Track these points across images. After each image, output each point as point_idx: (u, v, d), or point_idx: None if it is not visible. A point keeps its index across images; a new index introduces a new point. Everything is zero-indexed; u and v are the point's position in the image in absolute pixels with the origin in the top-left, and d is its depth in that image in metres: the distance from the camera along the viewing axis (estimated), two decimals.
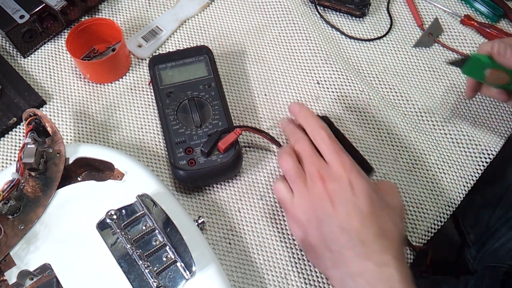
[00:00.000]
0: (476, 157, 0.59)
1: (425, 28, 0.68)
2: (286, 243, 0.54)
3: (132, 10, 0.70)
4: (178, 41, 0.68)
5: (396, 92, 0.64)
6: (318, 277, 0.52)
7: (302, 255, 0.53)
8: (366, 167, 0.53)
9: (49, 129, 0.52)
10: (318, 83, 0.64)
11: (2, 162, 0.59)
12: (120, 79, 0.65)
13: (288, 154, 0.50)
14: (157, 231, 0.46)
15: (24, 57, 0.66)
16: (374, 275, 0.43)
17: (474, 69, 0.55)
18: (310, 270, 0.53)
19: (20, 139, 0.61)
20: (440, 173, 0.58)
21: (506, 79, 0.53)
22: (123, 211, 0.47)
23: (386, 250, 0.44)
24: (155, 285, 0.43)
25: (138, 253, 0.45)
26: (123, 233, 0.45)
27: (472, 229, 0.65)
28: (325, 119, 0.54)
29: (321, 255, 0.46)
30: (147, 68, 0.63)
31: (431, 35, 0.67)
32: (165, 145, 0.58)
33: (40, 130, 0.53)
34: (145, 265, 0.44)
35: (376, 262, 0.43)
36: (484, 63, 0.53)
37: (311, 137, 0.50)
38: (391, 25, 0.69)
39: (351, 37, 0.68)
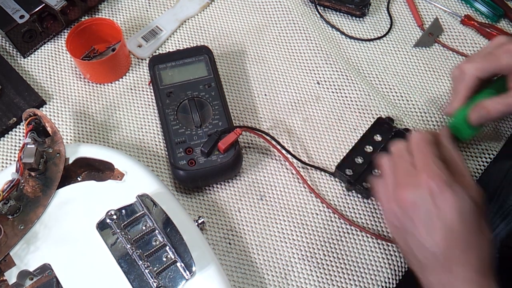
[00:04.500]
0: (476, 157, 0.59)
1: (425, 28, 0.68)
2: (286, 243, 0.54)
3: (132, 10, 0.70)
4: (178, 41, 0.68)
5: (396, 92, 0.64)
6: (318, 277, 0.52)
7: (302, 255, 0.53)
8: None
9: (49, 129, 0.52)
10: (318, 83, 0.64)
11: (2, 162, 0.59)
12: (120, 79, 0.65)
13: (387, 155, 0.49)
14: (157, 231, 0.46)
15: (24, 57, 0.66)
16: None
17: (459, 126, 0.54)
18: (310, 270, 0.53)
19: (20, 139, 0.61)
20: None
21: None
22: (123, 211, 0.47)
23: (470, 265, 0.42)
24: (155, 285, 0.43)
25: (138, 253, 0.45)
26: (123, 233, 0.45)
27: None
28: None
29: (410, 261, 0.47)
30: (147, 68, 0.63)
31: (431, 35, 0.67)
32: (165, 145, 0.58)
33: (40, 130, 0.53)
34: (145, 265, 0.44)
35: (458, 277, 0.42)
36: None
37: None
38: (391, 25, 0.69)
39: (351, 37, 0.68)
